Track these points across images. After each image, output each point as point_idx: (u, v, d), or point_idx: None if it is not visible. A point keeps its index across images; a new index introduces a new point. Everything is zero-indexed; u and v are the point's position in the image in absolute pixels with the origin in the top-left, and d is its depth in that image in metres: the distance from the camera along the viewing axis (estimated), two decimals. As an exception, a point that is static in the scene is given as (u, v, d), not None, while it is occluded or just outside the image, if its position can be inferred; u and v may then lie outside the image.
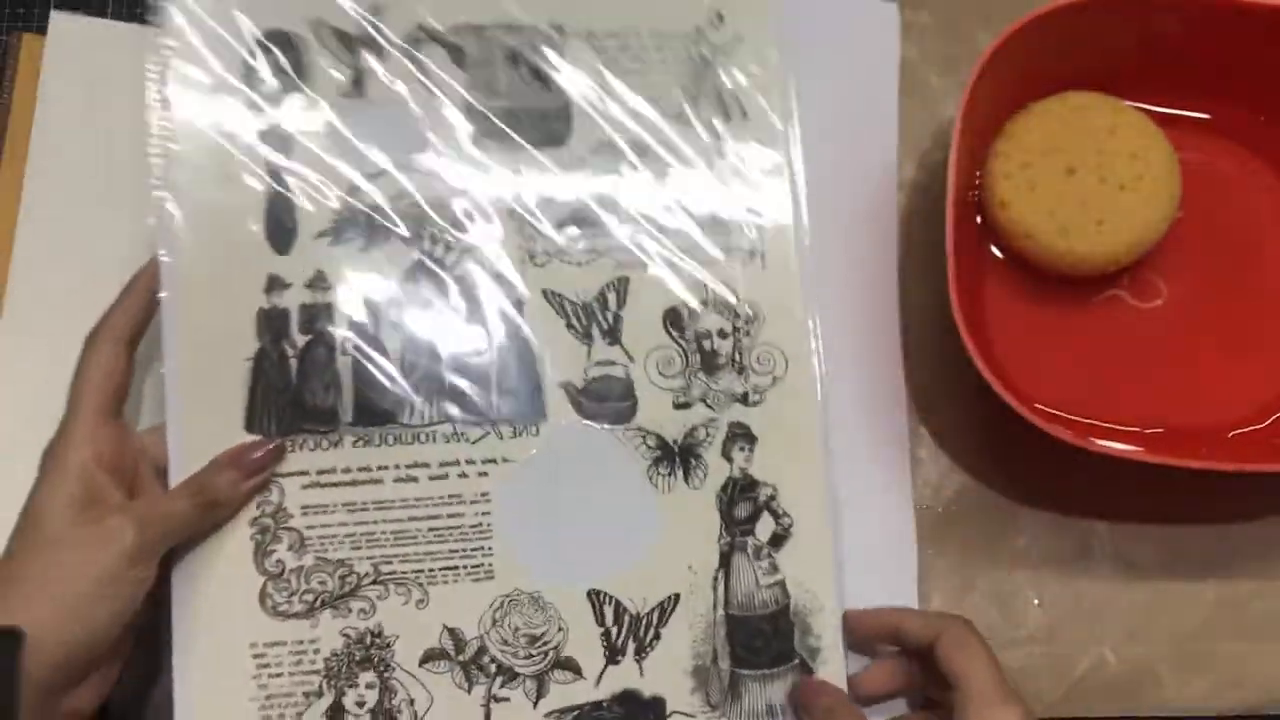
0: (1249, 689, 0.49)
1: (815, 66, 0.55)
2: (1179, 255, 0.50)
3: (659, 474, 0.53)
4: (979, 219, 0.49)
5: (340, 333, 0.52)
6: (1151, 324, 0.50)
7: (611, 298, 0.54)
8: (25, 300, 0.49)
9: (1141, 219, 0.47)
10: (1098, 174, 0.47)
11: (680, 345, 0.55)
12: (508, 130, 0.54)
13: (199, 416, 0.50)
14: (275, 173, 0.52)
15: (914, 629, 0.49)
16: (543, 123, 0.55)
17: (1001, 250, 0.50)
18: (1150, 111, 0.50)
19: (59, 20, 0.50)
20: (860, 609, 0.52)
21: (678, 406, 0.54)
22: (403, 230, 0.53)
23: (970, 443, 0.50)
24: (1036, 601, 0.49)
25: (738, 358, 0.55)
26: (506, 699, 0.51)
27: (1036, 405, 0.48)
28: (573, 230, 0.54)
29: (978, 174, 0.49)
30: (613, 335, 0.54)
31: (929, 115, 0.50)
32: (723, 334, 0.55)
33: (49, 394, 0.47)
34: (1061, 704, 0.50)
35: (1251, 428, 0.50)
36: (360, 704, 0.50)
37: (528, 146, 0.54)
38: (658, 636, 0.52)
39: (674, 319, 0.55)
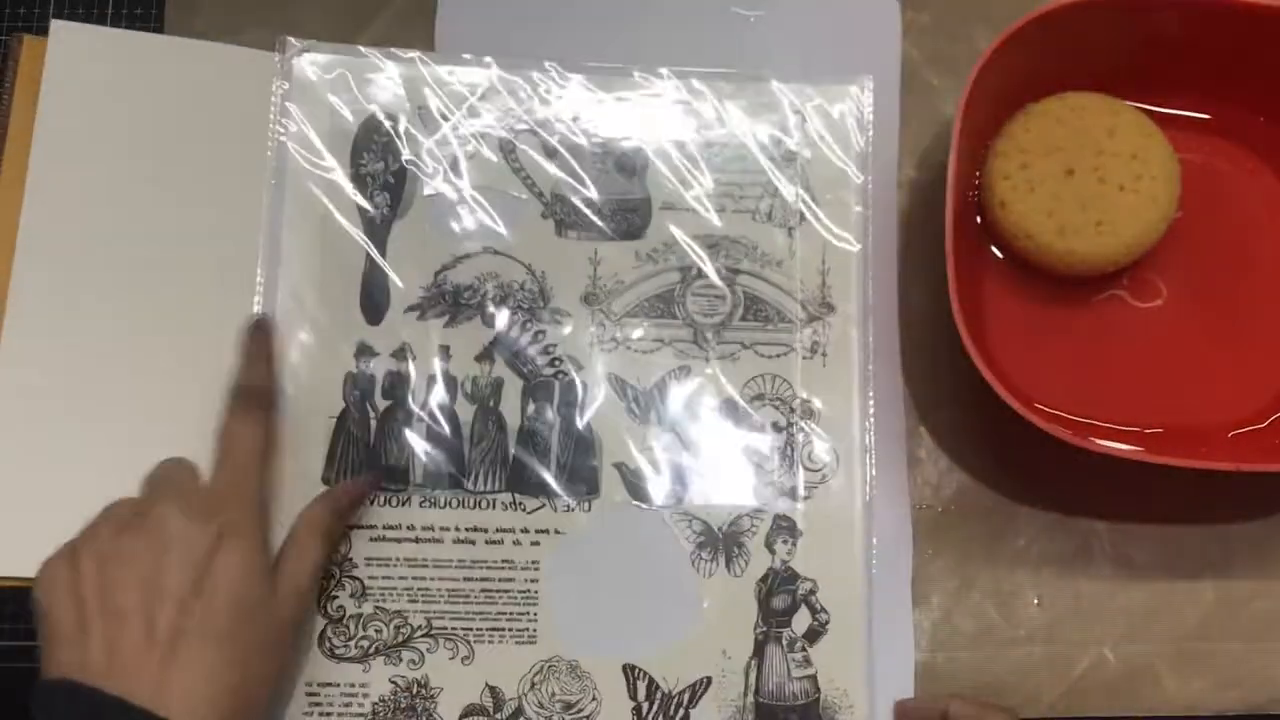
0: (1248, 688, 0.48)
1: (816, 66, 0.57)
2: (1179, 255, 0.49)
3: (702, 559, 0.55)
4: (979, 219, 0.49)
5: (419, 400, 0.56)
6: (1151, 324, 0.50)
7: (672, 385, 0.57)
8: (27, 303, 0.50)
9: (1141, 219, 0.47)
10: (1097, 174, 0.47)
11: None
12: (592, 218, 0.58)
13: (285, 470, 0.54)
14: (375, 246, 0.57)
15: (958, 714, 0.48)
16: (625, 215, 0.59)
17: (1001, 250, 0.50)
18: (1150, 111, 0.49)
19: (60, 27, 0.50)
20: (911, 700, 0.52)
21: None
22: (484, 310, 0.57)
23: (970, 443, 0.50)
24: (1036, 601, 0.49)
25: (790, 452, 0.57)
26: (537, 761, 0.53)
27: (1036, 405, 0.48)
28: (642, 319, 0.58)
29: (977, 174, 0.49)
30: (671, 421, 0.57)
31: (929, 115, 0.50)
32: (777, 427, 0.57)
33: (50, 395, 0.48)
34: (1061, 703, 0.49)
35: (1251, 428, 0.49)
36: (401, 750, 0.53)
37: (609, 234, 0.58)
38: (686, 717, 0.54)
39: (729, 410, 0.57)
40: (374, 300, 0.57)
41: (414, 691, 0.53)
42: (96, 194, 0.51)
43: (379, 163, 0.58)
